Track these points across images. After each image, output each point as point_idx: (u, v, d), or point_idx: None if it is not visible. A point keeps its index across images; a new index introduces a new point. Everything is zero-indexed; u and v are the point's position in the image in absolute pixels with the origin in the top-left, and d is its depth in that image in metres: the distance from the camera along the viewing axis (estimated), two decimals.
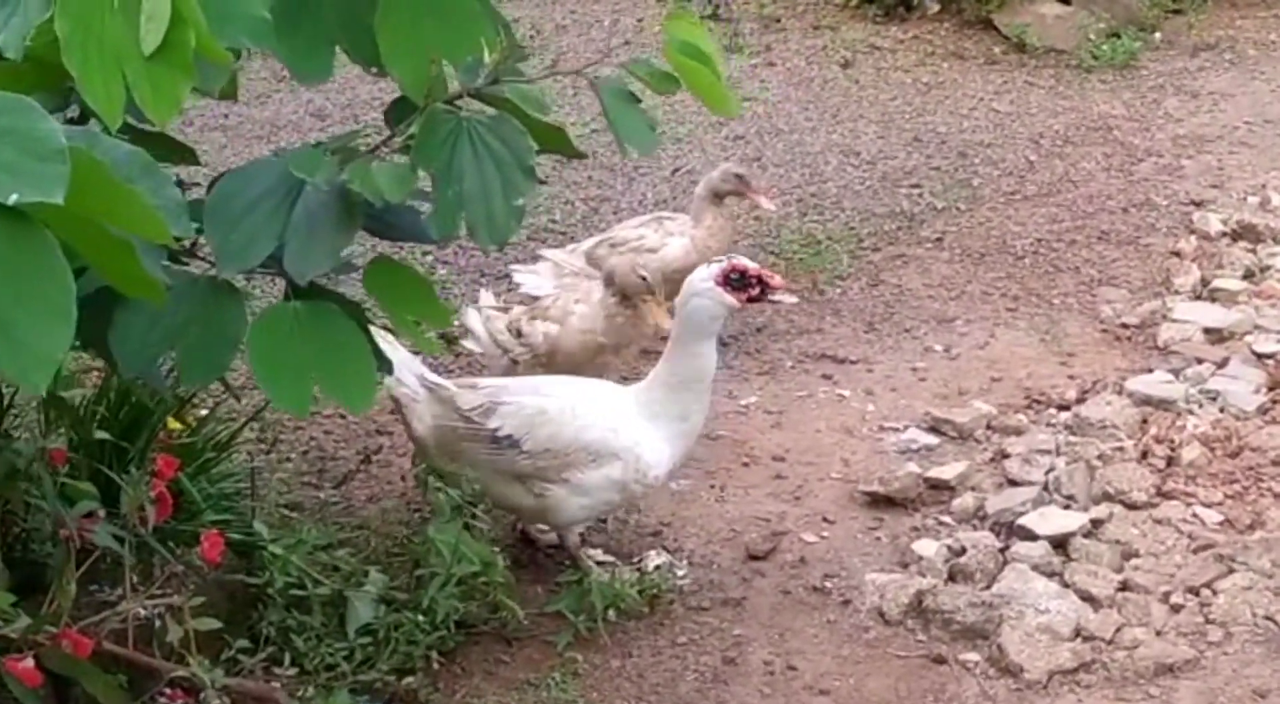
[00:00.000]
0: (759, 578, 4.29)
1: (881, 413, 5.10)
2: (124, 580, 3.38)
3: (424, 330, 3.51)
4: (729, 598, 4.20)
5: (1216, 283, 5.66)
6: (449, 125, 3.04)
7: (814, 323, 5.67)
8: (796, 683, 3.91)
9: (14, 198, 1.99)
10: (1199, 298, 5.64)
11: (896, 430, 4.99)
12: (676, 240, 5.31)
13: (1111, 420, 4.80)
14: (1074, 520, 4.34)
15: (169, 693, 3.36)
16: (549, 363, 4.68)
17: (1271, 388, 4.98)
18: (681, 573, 4.26)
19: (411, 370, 4.13)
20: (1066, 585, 4.12)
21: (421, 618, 3.77)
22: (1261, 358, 5.18)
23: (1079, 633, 3.98)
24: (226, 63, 2.62)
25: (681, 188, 6.53)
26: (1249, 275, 5.74)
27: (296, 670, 3.69)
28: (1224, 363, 5.15)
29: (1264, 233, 6.01)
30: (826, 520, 4.54)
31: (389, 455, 4.75)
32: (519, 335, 4.75)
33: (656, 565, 4.24)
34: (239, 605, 3.79)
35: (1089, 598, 4.07)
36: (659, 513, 4.56)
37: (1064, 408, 5.02)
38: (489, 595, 3.93)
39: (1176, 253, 6.00)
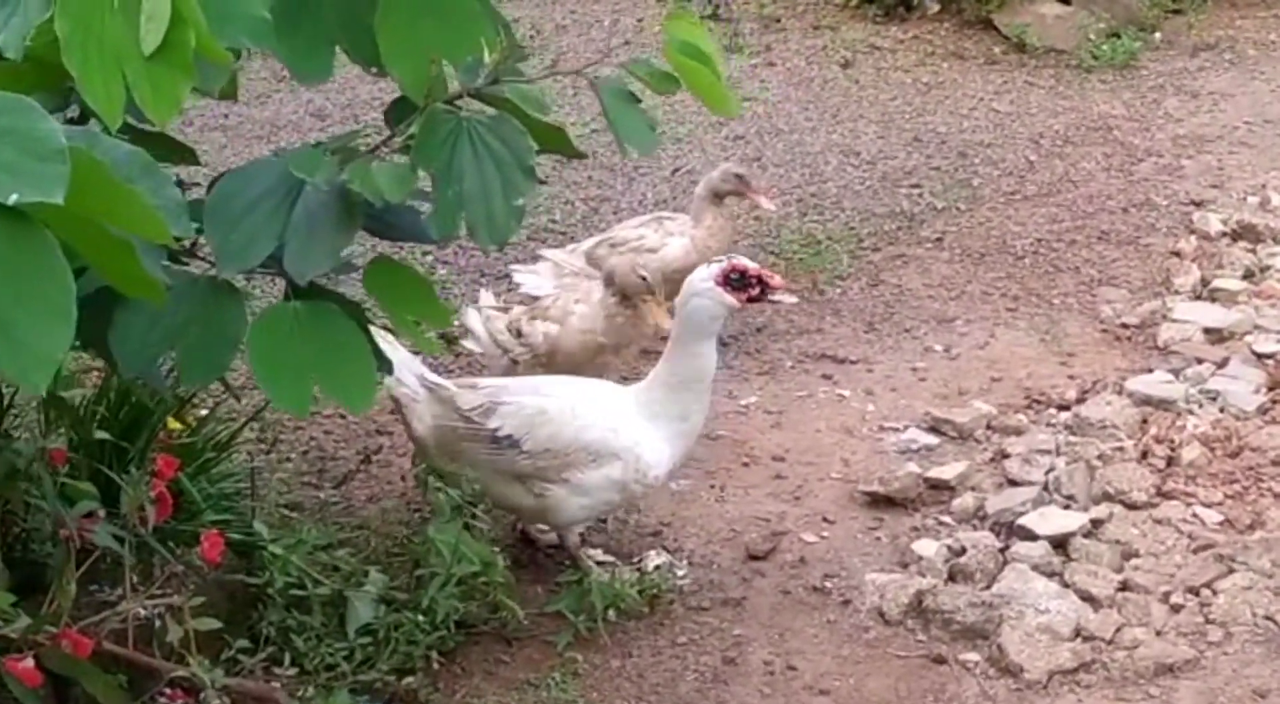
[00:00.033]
0: (759, 578, 4.29)
1: (881, 413, 5.10)
2: (124, 580, 3.38)
3: (424, 330, 3.51)
4: (729, 598, 4.20)
5: (1216, 283, 5.66)
6: (449, 125, 3.04)
7: (814, 323, 5.67)
8: (796, 683, 3.91)
9: (14, 198, 1.99)
10: (1199, 298, 5.64)
11: (896, 430, 4.99)
12: (676, 240, 5.30)
13: (1111, 420, 4.80)
14: (1074, 520, 4.34)
15: (169, 693, 3.36)
16: (549, 363, 4.68)
17: (1271, 388, 4.98)
18: (681, 573, 4.26)
19: (411, 370, 4.13)
20: (1066, 585, 4.12)
21: (421, 618, 3.77)
22: (1261, 358, 5.17)
23: (1079, 633, 3.98)
24: (226, 63, 2.63)
25: (682, 188, 6.52)
26: (1249, 275, 5.73)
27: (296, 670, 3.69)
28: (1224, 363, 5.15)
29: (1264, 233, 6.01)
30: (826, 520, 4.54)
31: (389, 455, 4.75)
32: (519, 335, 4.75)
33: (656, 565, 4.24)
34: (239, 605, 3.79)
35: (1089, 598, 4.07)
36: (659, 513, 4.56)
37: (1064, 408, 5.02)
38: (489, 595, 3.93)
39: (1176, 253, 6.00)
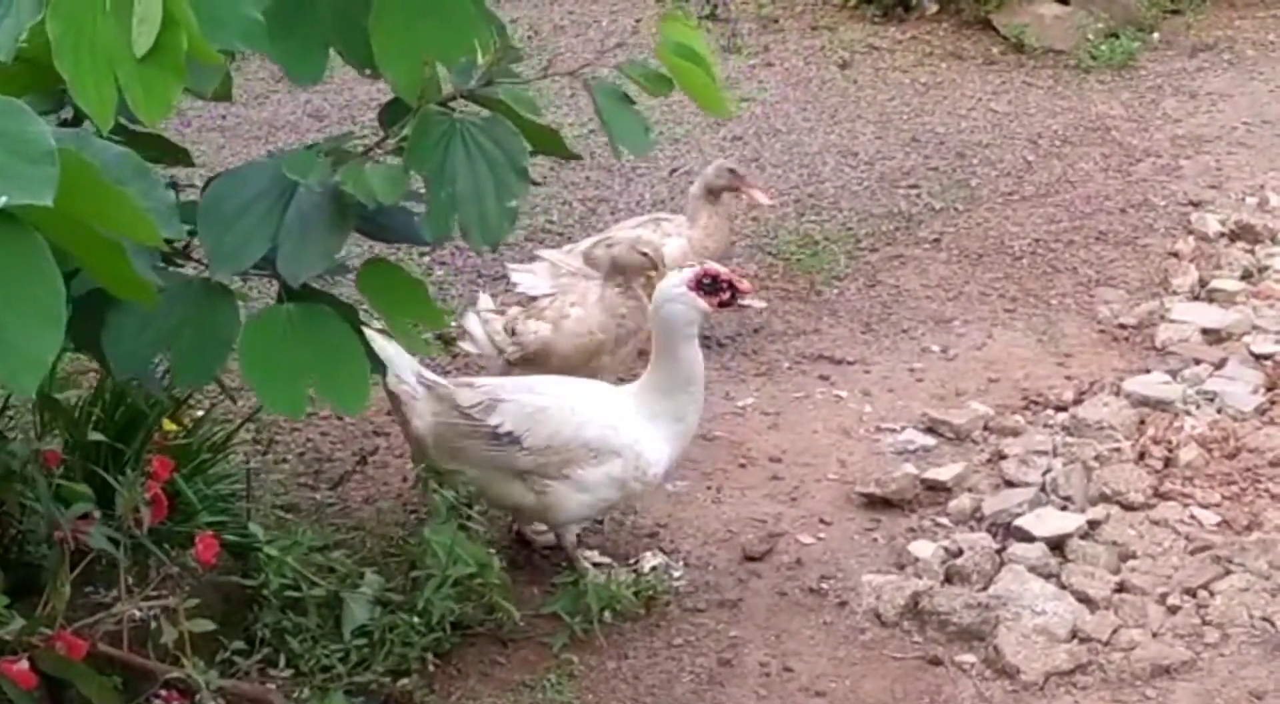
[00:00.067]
0: (755, 579, 4.29)
1: (878, 414, 5.09)
2: (119, 582, 3.38)
3: (419, 332, 3.51)
4: (725, 599, 4.19)
5: (1214, 283, 5.65)
6: (442, 127, 3.04)
7: (811, 324, 5.67)
8: (792, 684, 3.90)
9: (3, 200, 1.99)
10: (1197, 298, 5.64)
11: (893, 431, 4.98)
12: (674, 241, 5.30)
13: (1109, 421, 4.80)
14: (1071, 522, 4.34)
15: (164, 695, 3.36)
16: (544, 364, 4.68)
17: (1269, 388, 4.97)
18: (678, 574, 4.26)
19: (410, 368, 4.13)
20: (1063, 587, 4.12)
21: (417, 619, 3.77)
22: (1259, 358, 5.17)
23: (1075, 634, 3.97)
24: (219, 65, 2.63)
25: (679, 188, 6.51)
26: (1247, 276, 5.73)
27: (292, 672, 3.68)
28: (1222, 364, 5.14)
29: (1262, 233, 6.01)
30: (823, 522, 4.54)
31: (385, 457, 4.75)
32: (513, 334, 4.76)
33: (653, 567, 4.24)
34: (234, 607, 3.79)
35: (1086, 599, 4.07)
36: (655, 514, 4.55)
37: (1061, 409, 5.02)
38: (484, 597, 3.93)
39: (1174, 253, 6.00)
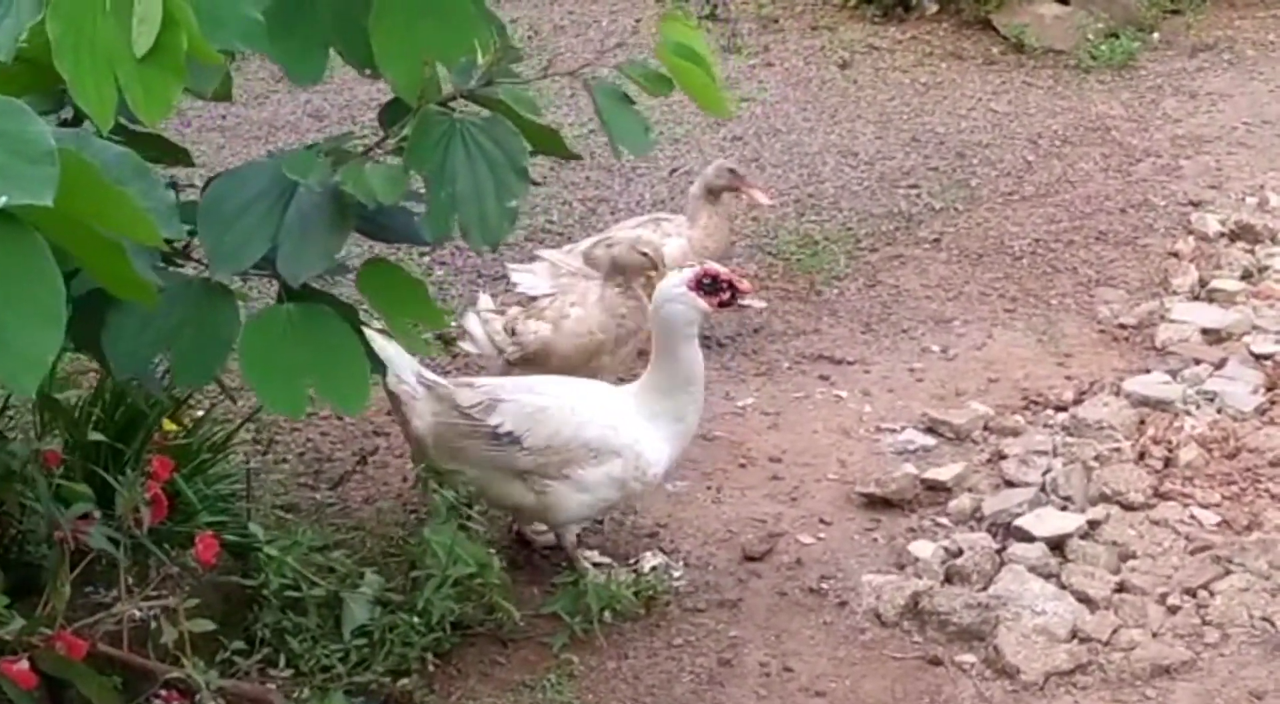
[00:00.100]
0: (755, 579, 4.29)
1: (878, 414, 5.09)
2: (119, 582, 3.38)
3: (419, 331, 3.51)
4: (725, 599, 4.19)
5: (1214, 283, 5.65)
6: (442, 127, 3.04)
7: (811, 324, 5.67)
8: (792, 684, 3.90)
9: (3, 200, 1.99)
10: (1197, 298, 5.64)
11: (893, 431, 4.98)
12: (674, 241, 5.30)
13: (1109, 421, 4.80)
14: (1071, 522, 4.34)
15: (164, 695, 3.36)
16: (544, 364, 4.68)
17: (1269, 388, 4.97)
18: (677, 574, 4.26)
19: (410, 368, 4.13)
20: (1063, 587, 4.12)
21: (417, 619, 3.77)
22: (1259, 358, 5.17)
23: (1075, 634, 3.97)
24: (219, 65, 2.63)
25: (679, 188, 6.51)
26: (1247, 276, 5.73)
27: (292, 672, 3.68)
28: (1222, 364, 5.14)
29: (1262, 233, 6.01)
30: (823, 522, 4.54)
31: (385, 457, 4.75)
32: (513, 334, 4.76)
33: (653, 567, 4.24)
34: (234, 607, 3.79)
35: (1086, 599, 4.07)
36: (655, 514, 4.55)
37: (1061, 409, 5.02)
38: (484, 597, 3.93)
39: (1174, 253, 6.00)
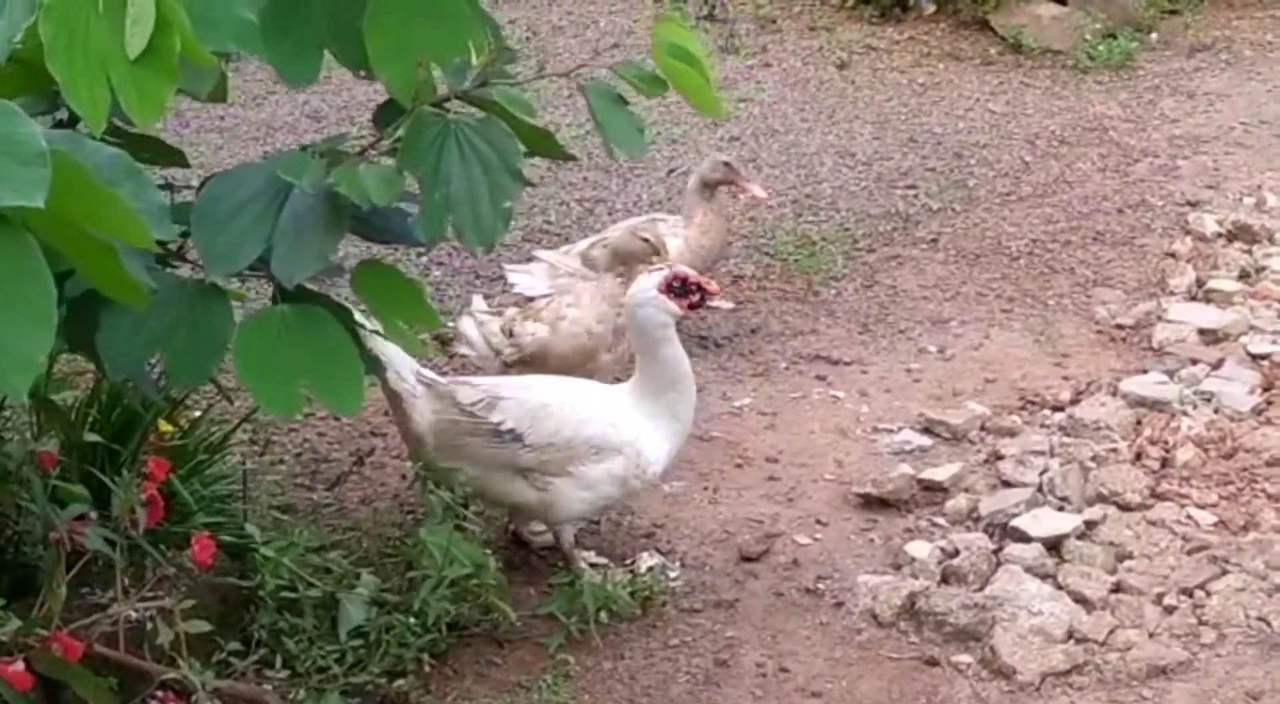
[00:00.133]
0: (752, 580, 4.29)
1: (875, 414, 5.09)
2: (115, 583, 3.38)
3: (414, 332, 3.51)
4: (721, 600, 4.19)
5: (1211, 284, 5.65)
6: (436, 128, 3.04)
7: (808, 324, 5.67)
8: (789, 685, 3.90)
9: None
10: (1194, 299, 5.64)
11: (890, 432, 4.98)
12: (671, 241, 5.29)
13: (1106, 421, 4.80)
14: (1067, 522, 4.33)
15: (160, 696, 3.36)
16: (541, 365, 4.68)
17: (1266, 389, 4.97)
18: (674, 575, 4.26)
19: (409, 366, 4.13)
20: (1060, 587, 4.12)
21: (413, 620, 3.77)
22: (1256, 359, 5.17)
23: (1072, 635, 3.97)
24: (213, 66, 2.63)
25: (676, 189, 6.51)
26: (1244, 276, 5.73)
27: (288, 673, 3.68)
28: (1219, 364, 5.14)
29: (1259, 233, 6.01)
30: (819, 522, 4.54)
31: (382, 457, 4.75)
32: (510, 335, 4.76)
33: (649, 567, 4.24)
34: (230, 608, 3.79)
35: (1082, 600, 4.07)
36: (652, 514, 4.55)
37: (1058, 409, 5.02)
38: (481, 597, 3.93)
39: (1172, 254, 6.00)
